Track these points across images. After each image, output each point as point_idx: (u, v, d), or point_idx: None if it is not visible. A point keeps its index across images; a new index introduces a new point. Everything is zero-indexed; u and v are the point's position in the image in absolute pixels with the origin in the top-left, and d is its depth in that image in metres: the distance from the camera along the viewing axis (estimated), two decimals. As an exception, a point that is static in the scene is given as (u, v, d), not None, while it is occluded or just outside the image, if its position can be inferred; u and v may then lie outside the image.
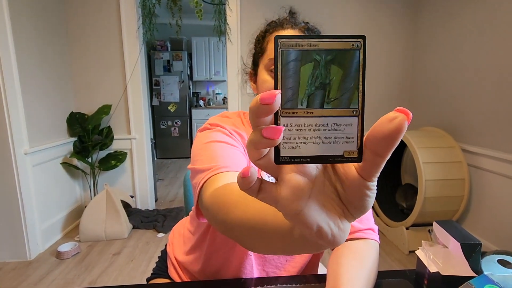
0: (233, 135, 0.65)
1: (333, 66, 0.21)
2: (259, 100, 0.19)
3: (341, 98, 0.21)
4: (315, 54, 0.21)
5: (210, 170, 0.54)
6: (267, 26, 0.70)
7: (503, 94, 1.84)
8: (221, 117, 0.71)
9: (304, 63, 0.21)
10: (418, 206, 2.00)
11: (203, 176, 0.53)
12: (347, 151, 0.22)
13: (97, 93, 2.53)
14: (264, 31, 0.69)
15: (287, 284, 0.61)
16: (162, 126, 4.83)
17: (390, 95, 2.80)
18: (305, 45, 0.20)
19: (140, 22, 2.47)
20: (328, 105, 0.21)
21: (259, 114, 0.20)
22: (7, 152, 1.87)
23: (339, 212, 0.24)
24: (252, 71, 0.73)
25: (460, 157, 2.06)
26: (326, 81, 0.21)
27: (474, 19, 2.05)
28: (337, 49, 0.21)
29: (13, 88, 1.88)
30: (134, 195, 2.69)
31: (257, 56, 0.69)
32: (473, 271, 0.55)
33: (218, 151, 0.58)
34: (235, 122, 0.70)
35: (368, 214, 0.69)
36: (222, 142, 0.61)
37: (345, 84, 0.21)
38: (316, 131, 0.21)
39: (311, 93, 0.21)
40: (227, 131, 0.65)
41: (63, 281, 1.78)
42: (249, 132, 0.69)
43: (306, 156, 0.21)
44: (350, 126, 0.22)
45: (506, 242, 1.84)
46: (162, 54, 4.60)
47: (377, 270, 0.62)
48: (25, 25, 2.01)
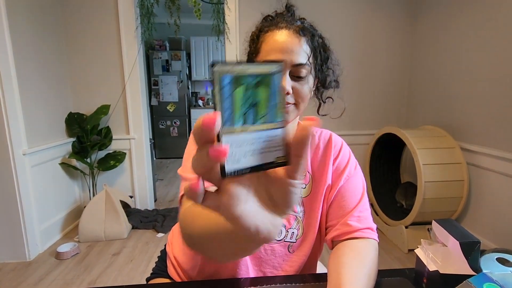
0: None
1: (260, 87, 0.25)
2: (201, 124, 0.21)
3: (268, 115, 0.25)
4: (245, 78, 0.24)
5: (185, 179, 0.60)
6: (262, 23, 0.67)
7: (502, 92, 1.84)
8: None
9: (237, 86, 0.24)
10: (416, 206, 2.00)
11: (182, 189, 0.59)
12: (278, 157, 0.26)
13: (95, 93, 2.53)
14: (259, 30, 0.66)
15: (286, 284, 0.61)
16: (161, 126, 4.83)
17: (389, 94, 2.81)
18: (236, 70, 0.23)
19: (138, 22, 2.47)
20: (259, 121, 0.25)
21: (202, 137, 0.22)
22: (6, 153, 1.87)
23: (272, 211, 0.27)
24: None
25: (460, 158, 2.06)
26: (255, 101, 0.25)
27: (473, 18, 2.05)
28: (262, 74, 0.25)
29: (11, 88, 1.87)
30: (133, 195, 2.69)
31: (251, 56, 0.68)
32: (472, 269, 0.56)
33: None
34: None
35: (366, 213, 0.69)
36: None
37: (270, 102, 0.25)
38: (253, 144, 0.24)
39: (245, 112, 0.24)
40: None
41: (63, 281, 1.78)
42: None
43: (247, 168, 0.24)
44: (278, 136, 0.26)
45: (505, 240, 1.84)
46: (160, 53, 4.59)
47: (377, 269, 0.62)
48: (23, 25, 2.00)
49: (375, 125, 2.79)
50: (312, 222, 0.71)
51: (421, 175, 1.95)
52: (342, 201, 0.70)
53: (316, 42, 0.64)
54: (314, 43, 0.63)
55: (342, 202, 0.70)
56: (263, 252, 0.71)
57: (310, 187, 0.73)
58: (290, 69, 0.60)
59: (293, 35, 0.61)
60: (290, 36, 0.61)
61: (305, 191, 0.72)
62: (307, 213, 0.72)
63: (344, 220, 0.68)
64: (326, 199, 0.71)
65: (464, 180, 2.03)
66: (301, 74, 0.61)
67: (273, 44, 0.61)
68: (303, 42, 0.61)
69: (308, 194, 0.72)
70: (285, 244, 0.71)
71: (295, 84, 0.62)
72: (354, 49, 2.70)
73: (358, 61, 2.72)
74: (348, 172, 0.72)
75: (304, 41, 0.61)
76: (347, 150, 0.76)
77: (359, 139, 2.79)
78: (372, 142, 2.55)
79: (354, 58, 2.71)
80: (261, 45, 0.63)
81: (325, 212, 0.72)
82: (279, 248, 0.71)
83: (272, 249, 0.70)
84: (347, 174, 0.72)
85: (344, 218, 0.68)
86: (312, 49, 0.63)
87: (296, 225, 0.71)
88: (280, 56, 0.60)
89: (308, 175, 0.73)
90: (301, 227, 0.72)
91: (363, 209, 0.69)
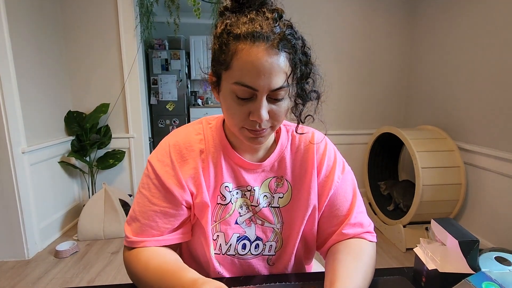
0: (168, 184, 0.61)
1: None
2: None
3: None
4: None
5: (132, 242, 0.62)
6: (230, 21, 0.53)
7: (500, 92, 1.85)
8: (167, 146, 0.65)
9: None
10: (413, 208, 2.01)
11: (126, 243, 0.63)
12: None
13: (95, 92, 2.52)
14: (227, 32, 0.52)
15: (285, 282, 0.62)
16: (160, 125, 4.82)
17: (388, 93, 2.81)
18: None
19: (138, 21, 2.46)
20: None
21: None
22: (5, 151, 1.86)
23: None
24: (213, 78, 0.58)
25: (459, 161, 2.06)
26: None
27: (471, 18, 2.06)
28: None
29: (10, 86, 1.87)
30: (132, 194, 2.68)
31: (220, 66, 0.54)
32: (470, 268, 0.56)
33: (144, 217, 0.62)
34: (185, 144, 0.64)
35: (361, 217, 0.67)
36: (152, 203, 0.62)
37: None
38: None
39: None
40: (162, 180, 0.62)
41: (62, 280, 1.78)
42: (209, 140, 0.65)
43: None
44: None
45: (503, 239, 1.85)
46: (160, 53, 4.58)
47: (374, 265, 0.62)
48: (22, 23, 2.00)
49: (374, 125, 2.79)
50: (292, 233, 0.67)
51: (420, 179, 1.95)
52: (334, 210, 0.66)
53: (297, 57, 0.54)
54: (296, 59, 0.53)
55: (334, 211, 0.66)
56: (238, 265, 0.67)
57: (289, 196, 0.67)
58: (268, 93, 0.52)
59: (271, 52, 0.50)
60: (268, 53, 0.50)
61: (283, 201, 0.67)
62: (287, 224, 0.67)
63: (339, 230, 0.65)
64: (314, 212, 0.66)
65: (461, 183, 2.04)
66: (279, 96, 0.54)
67: (249, 64, 0.50)
68: (282, 59, 0.51)
69: (287, 203, 0.67)
70: (263, 258, 0.68)
71: (272, 106, 0.54)
72: (353, 48, 2.70)
73: (357, 60, 2.72)
74: (337, 178, 0.66)
75: (284, 57, 0.51)
76: (332, 152, 0.69)
77: (358, 138, 2.80)
78: (371, 142, 2.56)
79: (353, 57, 2.71)
80: (232, 59, 0.51)
81: (313, 224, 0.67)
82: (257, 262, 0.68)
83: (248, 264, 0.67)
84: (336, 180, 0.66)
85: (339, 227, 0.65)
86: (292, 66, 0.53)
87: (274, 237, 0.67)
88: (257, 80, 0.50)
89: (287, 183, 0.67)
90: (280, 239, 0.67)
91: (357, 213, 0.66)
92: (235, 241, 0.66)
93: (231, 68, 0.52)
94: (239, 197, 0.66)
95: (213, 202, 0.64)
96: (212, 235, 0.65)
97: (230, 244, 0.65)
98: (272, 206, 0.67)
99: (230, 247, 0.66)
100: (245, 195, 0.66)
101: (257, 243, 0.67)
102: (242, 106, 0.54)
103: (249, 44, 0.50)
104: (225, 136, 0.66)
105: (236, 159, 0.65)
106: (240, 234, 0.66)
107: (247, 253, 0.67)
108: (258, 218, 0.66)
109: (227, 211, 0.65)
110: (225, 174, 0.64)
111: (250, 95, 0.53)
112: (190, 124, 0.70)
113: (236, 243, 0.66)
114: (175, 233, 0.64)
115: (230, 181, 0.65)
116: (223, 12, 0.55)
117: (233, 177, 0.66)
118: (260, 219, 0.66)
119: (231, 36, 0.51)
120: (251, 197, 0.66)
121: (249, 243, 0.66)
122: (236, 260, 0.67)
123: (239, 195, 0.66)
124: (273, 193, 0.67)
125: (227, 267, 0.67)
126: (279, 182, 0.67)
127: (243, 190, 0.66)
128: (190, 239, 0.67)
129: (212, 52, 0.57)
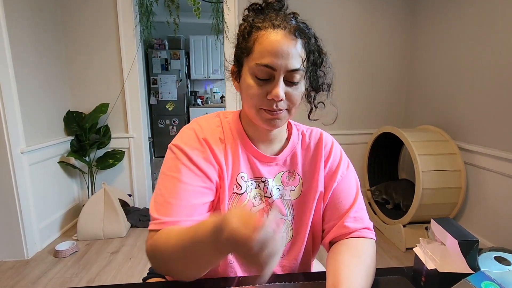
0: (198, 162, 0.62)
1: None
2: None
3: None
4: None
5: (161, 223, 0.58)
6: (254, 17, 0.62)
7: (501, 92, 1.85)
8: (191, 130, 0.67)
9: None
10: (412, 211, 2.02)
11: (153, 226, 0.59)
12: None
13: (94, 92, 2.52)
14: (250, 25, 0.61)
15: (285, 282, 0.62)
16: (160, 125, 4.82)
17: (388, 93, 2.81)
18: None
19: (137, 21, 2.46)
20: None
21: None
22: (4, 151, 1.86)
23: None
24: (234, 68, 0.66)
25: (460, 165, 2.05)
26: None
27: (472, 18, 2.06)
28: None
29: (9, 86, 1.86)
30: (132, 194, 2.68)
31: (242, 54, 0.62)
32: (470, 268, 0.56)
33: (176, 197, 0.60)
34: (208, 131, 0.67)
35: (362, 213, 0.69)
36: (183, 183, 0.61)
37: None
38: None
39: None
40: (193, 159, 0.62)
41: (61, 280, 1.78)
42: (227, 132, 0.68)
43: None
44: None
45: (502, 239, 1.85)
46: (159, 52, 4.58)
47: (375, 266, 0.62)
48: (21, 23, 1.99)
49: (374, 125, 2.79)
50: (302, 225, 0.70)
51: (420, 182, 1.95)
52: (337, 202, 0.69)
53: (311, 45, 0.61)
54: (310, 47, 0.60)
55: (337, 204, 0.69)
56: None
57: (300, 189, 0.71)
58: (285, 74, 0.58)
59: (289, 37, 0.57)
60: (286, 38, 0.57)
61: (295, 194, 0.71)
62: (297, 216, 0.70)
63: (340, 222, 0.67)
64: (320, 203, 0.70)
65: (461, 187, 2.04)
66: (295, 79, 0.59)
67: (268, 46, 0.56)
68: (298, 45, 0.58)
69: (298, 196, 0.71)
70: None
71: (288, 89, 0.59)
72: (353, 48, 2.70)
73: (356, 59, 2.72)
74: (341, 173, 0.71)
75: (300, 44, 0.58)
76: (338, 149, 0.74)
77: (358, 138, 2.80)
78: (371, 141, 2.55)
79: (353, 57, 2.71)
80: (254, 44, 0.58)
81: (319, 216, 0.71)
82: None
83: None
84: (340, 175, 0.71)
85: (341, 220, 0.68)
86: (307, 53, 0.60)
87: (285, 229, 0.70)
88: (275, 60, 0.56)
89: (298, 177, 0.71)
90: (290, 231, 0.71)
91: (358, 208, 0.69)
92: None
93: (252, 53, 0.59)
94: (254, 188, 0.68)
95: (230, 191, 0.67)
96: None
97: None
98: (284, 198, 0.70)
99: None
100: (259, 186, 0.69)
101: None
102: (261, 86, 0.59)
103: (269, 31, 0.58)
104: (243, 128, 0.70)
105: (253, 151, 0.68)
106: None
107: None
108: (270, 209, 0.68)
109: (242, 201, 0.67)
110: (242, 164, 0.67)
111: (269, 76, 0.58)
112: (208, 116, 0.72)
113: None
114: (208, 214, 0.65)
115: (246, 172, 0.68)
116: (247, 15, 0.64)
117: (249, 168, 0.68)
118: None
119: (253, 28, 0.60)
120: (265, 188, 0.69)
121: None
122: None
123: (253, 186, 0.68)
124: (285, 186, 0.70)
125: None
126: (291, 176, 0.71)
127: (258, 182, 0.69)
128: None
129: (235, 46, 0.65)
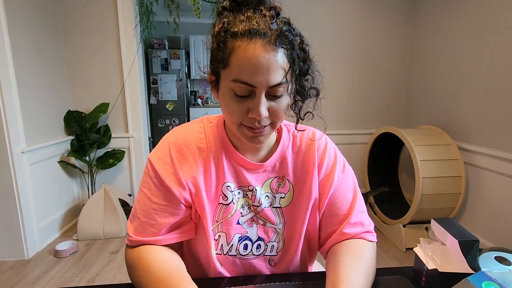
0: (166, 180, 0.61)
1: None
2: None
3: None
4: None
5: (132, 241, 0.62)
6: (229, 19, 0.53)
7: (499, 92, 1.85)
8: (167, 142, 0.64)
9: None
10: (415, 203, 2.01)
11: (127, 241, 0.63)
12: None
13: (94, 92, 2.52)
14: (225, 30, 0.52)
15: (285, 282, 0.62)
16: (160, 124, 4.81)
17: (387, 93, 2.81)
18: None
19: (137, 20, 2.46)
20: None
21: None
22: (4, 151, 1.86)
23: None
24: (212, 77, 0.59)
25: (457, 154, 2.08)
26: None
27: (471, 18, 2.06)
28: None
29: (10, 86, 1.86)
30: (132, 194, 2.68)
31: (218, 65, 0.54)
32: (470, 268, 0.56)
33: (144, 215, 0.62)
34: (185, 141, 0.64)
35: (361, 216, 0.66)
36: (151, 201, 0.62)
37: None
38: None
39: None
40: (162, 178, 0.61)
41: (61, 279, 1.78)
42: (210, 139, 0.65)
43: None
44: None
45: (502, 239, 1.85)
46: (159, 52, 4.57)
47: (375, 266, 0.62)
48: (21, 23, 1.99)
49: (374, 125, 2.79)
50: (294, 233, 0.67)
51: (419, 171, 1.96)
52: (335, 209, 0.66)
53: (295, 52, 0.53)
54: (293, 55, 0.53)
55: (334, 210, 0.66)
56: (239, 266, 0.67)
57: (291, 196, 0.67)
58: (266, 90, 0.52)
59: (269, 48, 0.50)
60: (265, 49, 0.50)
61: (285, 201, 0.66)
62: (288, 224, 0.67)
63: (339, 230, 0.64)
64: (315, 211, 0.66)
65: (461, 176, 2.05)
66: (278, 93, 0.53)
67: (245, 61, 0.50)
68: (280, 55, 0.51)
69: (289, 203, 0.67)
70: (264, 258, 0.68)
71: (271, 103, 0.54)
72: (352, 47, 2.70)
73: (356, 59, 2.72)
74: (337, 177, 0.66)
75: (282, 54, 0.51)
76: (332, 151, 0.69)
77: (358, 138, 2.80)
78: (370, 142, 2.56)
79: (352, 56, 2.71)
80: (230, 56, 0.51)
81: (315, 223, 0.67)
82: (259, 262, 0.67)
83: (250, 264, 0.67)
84: (337, 179, 0.66)
85: (339, 226, 0.65)
86: (291, 62, 0.53)
87: (276, 238, 0.67)
88: (254, 77, 0.50)
89: (288, 183, 0.67)
90: (281, 240, 0.67)
91: (357, 212, 0.66)
92: (237, 241, 0.65)
93: (229, 66, 0.52)
94: (241, 197, 0.65)
95: (215, 202, 0.64)
96: (214, 235, 0.64)
97: (232, 245, 0.65)
98: (273, 206, 0.66)
99: (231, 248, 0.65)
100: (246, 195, 0.65)
101: (259, 244, 0.67)
102: (240, 103, 0.54)
103: (246, 41, 0.50)
104: (227, 135, 0.65)
105: (238, 159, 0.65)
106: (241, 234, 0.65)
107: (249, 254, 0.67)
108: (260, 218, 0.66)
109: (229, 211, 0.64)
110: (226, 173, 0.64)
111: (249, 92, 0.53)
112: (191, 123, 0.69)
113: (238, 243, 0.65)
114: (175, 232, 0.63)
115: (231, 181, 0.65)
116: (221, 12, 0.56)
117: (235, 177, 0.65)
118: (262, 220, 0.66)
119: (228, 34, 0.52)
120: (253, 197, 0.65)
121: (250, 243, 0.66)
122: (237, 260, 0.67)
123: (240, 195, 0.65)
124: (274, 193, 0.66)
125: (228, 268, 0.67)
126: (281, 182, 0.67)
127: (245, 190, 0.65)
128: (191, 238, 0.67)
129: (210, 51, 0.57)
